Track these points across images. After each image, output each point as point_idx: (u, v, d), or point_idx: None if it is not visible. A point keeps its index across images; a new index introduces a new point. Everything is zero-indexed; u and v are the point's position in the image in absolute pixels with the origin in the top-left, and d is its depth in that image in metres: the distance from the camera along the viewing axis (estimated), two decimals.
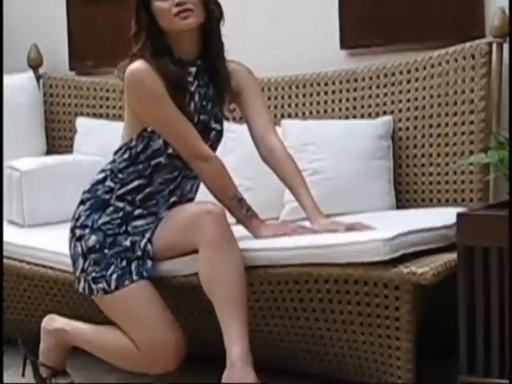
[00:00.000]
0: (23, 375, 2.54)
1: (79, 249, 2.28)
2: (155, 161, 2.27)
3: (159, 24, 2.20)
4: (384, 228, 2.15)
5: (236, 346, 2.04)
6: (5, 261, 2.73)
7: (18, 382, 2.57)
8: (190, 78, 2.27)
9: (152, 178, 2.30)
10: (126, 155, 2.33)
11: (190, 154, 2.25)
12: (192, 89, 2.27)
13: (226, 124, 2.45)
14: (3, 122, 3.16)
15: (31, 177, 2.96)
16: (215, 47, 2.27)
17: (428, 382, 2.28)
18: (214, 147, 2.33)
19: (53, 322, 2.42)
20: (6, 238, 2.78)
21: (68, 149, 3.21)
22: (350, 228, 2.23)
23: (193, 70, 2.25)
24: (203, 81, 2.32)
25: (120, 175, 2.32)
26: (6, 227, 2.93)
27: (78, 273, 2.30)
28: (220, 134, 2.37)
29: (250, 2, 3.21)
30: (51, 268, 2.56)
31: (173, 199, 2.34)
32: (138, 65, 2.19)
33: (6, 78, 3.17)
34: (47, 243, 2.66)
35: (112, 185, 2.32)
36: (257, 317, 2.31)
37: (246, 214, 2.25)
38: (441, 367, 2.30)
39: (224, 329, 2.06)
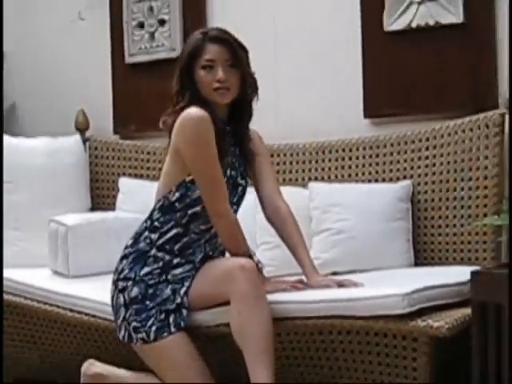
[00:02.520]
0: None
1: (121, 300, 2.36)
2: (192, 210, 2.34)
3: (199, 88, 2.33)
4: (403, 284, 2.19)
5: None
6: (50, 308, 2.81)
7: None
8: (228, 132, 2.41)
9: (188, 227, 2.37)
10: (165, 204, 2.39)
11: (213, 204, 2.32)
12: (228, 145, 2.39)
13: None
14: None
15: (76, 231, 3.04)
16: (246, 116, 2.41)
17: None
18: (239, 202, 2.44)
19: (92, 367, 2.46)
20: (51, 287, 2.87)
21: (111, 206, 3.32)
22: (341, 284, 2.35)
23: (228, 127, 2.38)
24: (232, 141, 2.44)
25: (157, 224, 2.39)
26: (51, 278, 3.06)
27: (119, 322, 2.37)
28: (245, 190, 2.47)
29: (282, 74, 3.29)
30: (93, 316, 2.62)
31: (208, 249, 2.41)
32: (197, 110, 2.28)
33: (55, 142, 3.30)
34: (90, 293, 2.73)
35: (151, 235, 2.38)
36: (284, 365, 2.37)
37: None
38: None
39: (252, 377, 2.13)
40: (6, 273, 2.91)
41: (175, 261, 2.35)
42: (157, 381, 2.35)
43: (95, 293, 2.64)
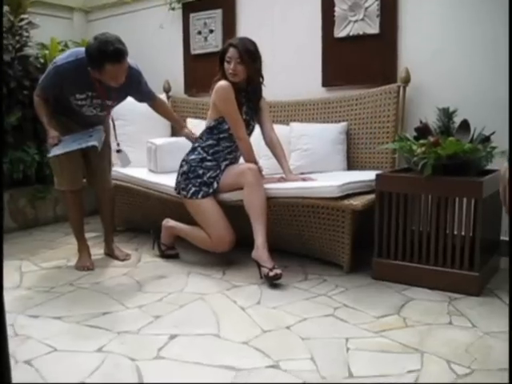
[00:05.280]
0: (153, 248, 3.57)
1: (179, 171, 3.24)
2: (222, 134, 3.18)
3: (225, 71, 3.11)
4: (338, 179, 2.96)
5: (259, 237, 2.92)
6: (146, 190, 3.63)
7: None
8: (243, 95, 3.18)
9: (219, 142, 3.18)
10: (207, 129, 3.20)
11: (236, 132, 3.11)
12: (243, 101, 3.18)
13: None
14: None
15: (162, 147, 3.88)
16: (255, 84, 3.21)
17: (358, 262, 3.11)
18: (250, 133, 3.25)
19: (167, 222, 3.40)
20: (146, 177, 3.69)
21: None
22: (304, 179, 3.13)
23: (243, 93, 3.17)
24: (247, 98, 3.20)
25: (203, 138, 3.20)
26: (147, 173, 3.83)
27: (176, 183, 3.24)
28: (254, 127, 3.27)
29: (277, 61, 4.08)
30: (168, 194, 3.46)
31: (229, 156, 3.21)
32: (224, 82, 3.08)
33: None
34: (167, 181, 3.49)
35: (200, 143, 3.20)
36: (270, 223, 3.07)
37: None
38: (366, 254, 3.08)
39: (254, 229, 2.95)
40: (124, 170, 3.75)
41: (208, 158, 3.19)
42: (201, 230, 3.14)
43: (170, 181, 3.41)
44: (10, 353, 1.91)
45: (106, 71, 2.85)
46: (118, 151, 3.43)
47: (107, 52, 2.79)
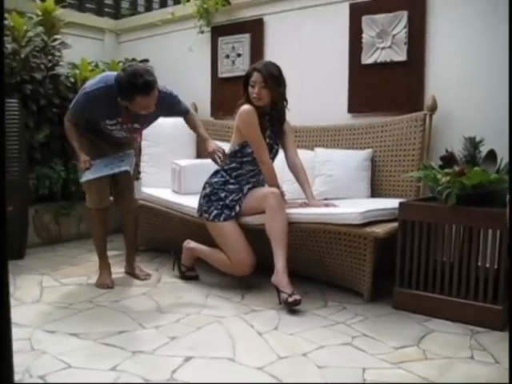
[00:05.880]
0: (173, 269, 3.56)
1: (202, 194, 3.23)
2: (245, 158, 3.19)
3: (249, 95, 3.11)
4: (361, 207, 2.92)
5: (279, 262, 2.89)
6: (169, 211, 3.65)
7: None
8: (267, 119, 3.19)
9: (242, 165, 3.19)
10: (231, 153, 3.19)
11: (259, 156, 3.12)
12: (267, 125, 3.19)
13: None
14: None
15: (186, 169, 3.91)
16: (279, 108, 3.20)
17: (379, 290, 3.06)
18: (273, 157, 3.25)
19: (188, 243, 3.38)
20: (170, 198, 3.71)
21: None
22: (326, 205, 3.11)
23: (267, 117, 3.19)
24: (270, 122, 3.21)
25: (227, 161, 3.17)
26: (171, 194, 3.87)
27: (199, 205, 3.24)
28: (277, 151, 3.28)
29: (305, 87, 4.09)
30: (190, 215, 3.48)
31: (252, 180, 3.21)
32: (248, 106, 3.09)
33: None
34: (190, 202, 3.50)
35: (221, 168, 3.18)
36: (291, 248, 3.04)
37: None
38: (387, 283, 3.03)
39: (274, 253, 2.91)
40: (148, 190, 3.79)
41: (231, 181, 3.20)
42: (221, 252, 3.11)
43: (193, 202, 3.42)
44: (25, 367, 2.02)
45: (135, 102, 2.90)
46: (137, 179, 3.44)
47: (137, 84, 2.82)
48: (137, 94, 2.86)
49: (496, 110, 3.33)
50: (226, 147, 3.32)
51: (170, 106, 3.21)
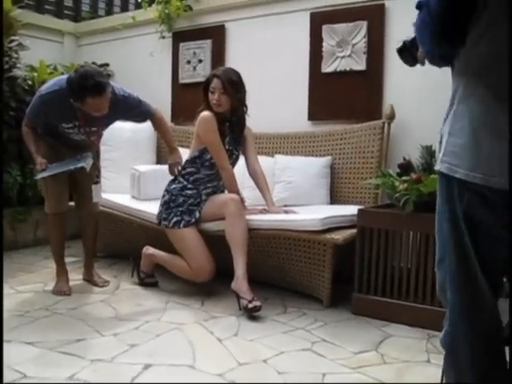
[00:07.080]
0: (132, 276, 3.52)
1: (161, 201, 3.23)
2: (205, 163, 3.19)
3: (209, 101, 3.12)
4: (321, 213, 2.97)
5: (239, 269, 2.91)
6: (127, 216, 3.61)
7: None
8: (227, 126, 3.20)
9: (199, 170, 3.19)
10: (190, 159, 3.20)
11: (219, 163, 3.13)
12: (227, 131, 3.20)
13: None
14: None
15: (145, 174, 3.91)
16: (239, 115, 3.23)
17: (338, 296, 3.09)
18: (233, 164, 3.24)
19: (147, 250, 3.36)
20: (129, 204, 3.68)
21: (166, 161, 3.42)
22: (286, 212, 3.15)
23: (227, 123, 3.20)
24: (230, 129, 3.22)
25: (185, 166, 3.20)
26: (130, 199, 3.86)
27: (158, 213, 3.23)
28: (237, 157, 3.28)
29: (264, 94, 4.07)
30: (149, 221, 3.46)
31: (210, 185, 3.20)
32: (207, 113, 3.10)
33: (137, 124, 3.51)
34: (149, 208, 3.50)
35: (181, 171, 3.19)
36: (251, 254, 3.06)
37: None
38: (346, 289, 3.07)
39: (234, 259, 2.93)
40: (107, 196, 3.73)
41: (188, 186, 3.20)
42: (181, 259, 3.10)
43: (152, 208, 3.42)
44: None
45: (87, 104, 2.90)
46: (96, 182, 3.38)
47: (87, 86, 2.83)
48: (88, 95, 2.85)
49: None
50: (186, 154, 3.33)
51: (129, 108, 3.18)
